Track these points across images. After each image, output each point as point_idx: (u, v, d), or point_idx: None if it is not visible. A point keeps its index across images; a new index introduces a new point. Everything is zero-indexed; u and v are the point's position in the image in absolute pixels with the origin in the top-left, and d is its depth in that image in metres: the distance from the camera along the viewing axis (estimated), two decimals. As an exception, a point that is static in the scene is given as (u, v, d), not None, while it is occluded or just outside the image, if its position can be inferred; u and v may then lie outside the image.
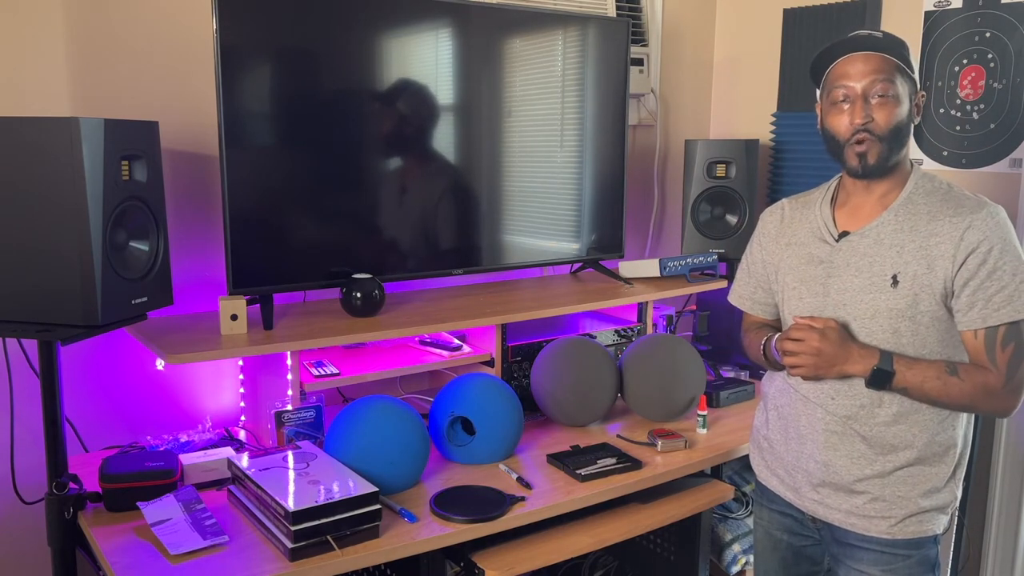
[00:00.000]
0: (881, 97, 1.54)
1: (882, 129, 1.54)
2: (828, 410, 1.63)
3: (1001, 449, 2.43)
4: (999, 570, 2.47)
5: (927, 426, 1.58)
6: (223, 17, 1.90)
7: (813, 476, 1.67)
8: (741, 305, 1.89)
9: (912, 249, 1.55)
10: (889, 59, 1.54)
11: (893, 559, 1.61)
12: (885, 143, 1.55)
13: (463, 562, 1.74)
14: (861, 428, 1.60)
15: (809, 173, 2.87)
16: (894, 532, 1.60)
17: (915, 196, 1.59)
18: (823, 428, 1.64)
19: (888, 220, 1.59)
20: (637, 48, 2.91)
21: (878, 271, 1.57)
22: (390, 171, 2.25)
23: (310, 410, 2.01)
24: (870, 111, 1.54)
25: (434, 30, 2.25)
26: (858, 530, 1.63)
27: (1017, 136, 2.38)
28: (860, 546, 1.64)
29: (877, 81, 1.53)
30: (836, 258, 1.64)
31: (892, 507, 1.60)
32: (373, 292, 2.10)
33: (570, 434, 2.20)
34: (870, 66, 1.54)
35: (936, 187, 1.60)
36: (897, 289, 1.55)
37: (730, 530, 2.33)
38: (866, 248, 1.60)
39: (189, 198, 2.15)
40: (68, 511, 1.66)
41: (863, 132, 1.55)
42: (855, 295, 1.60)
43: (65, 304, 1.61)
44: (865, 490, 1.61)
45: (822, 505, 1.67)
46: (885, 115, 1.54)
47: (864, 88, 1.54)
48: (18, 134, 1.58)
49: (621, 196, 2.67)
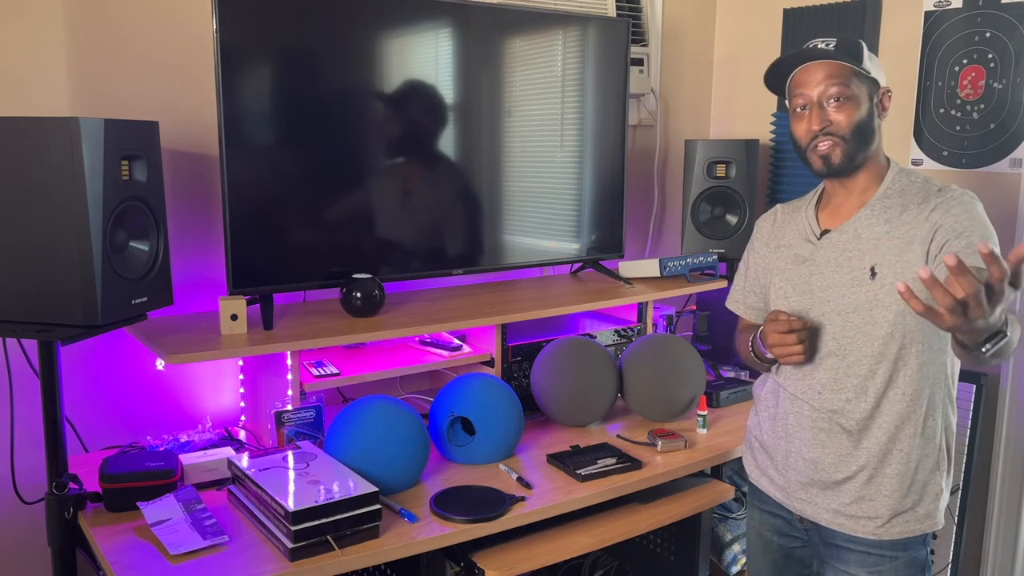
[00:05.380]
0: (836, 101, 1.59)
1: (844, 129, 1.59)
2: (815, 406, 1.65)
3: (1001, 448, 2.43)
4: (999, 570, 2.47)
5: (911, 417, 1.59)
6: (223, 17, 1.90)
7: (801, 474, 1.68)
8: (735, 309, 1.92)
9: (887, 241, 1.58)
10: (842, 65, 1.58)
11: (880, 560, 1.62)
12: (850, 142, 1.60)
13: (463, 562, 1.74)
14: (846, 423, 1.62)
15: (809, 173, 2.84)
16: (880, 533, 1.61)
17: (891, 191, 1.63)
18: (810, 425, 1.66)
19: (865, 215, 1.63)
20: (637, 48, 2.91)
21: (857, 265, 1.61)
22: (390, 171, 2.25)
23: (310, 410, 2.01)
24: (827, 116, 1.60)
25: (434, 30, 2.25)
26: (845, 530, 1.64)
27: (1017, 136, 2.38)
28: (847, 547, 1.64)
29: (831, 86, 1.59)
30: (818, 256, 1.67)
31: (878, 506, 1.60)
32: (373, 292, 2.10)
33: (570, 434, 2.20)
34: (823, 73, 1.59)
35: (911, 181, 1.64)
36: (875, 280, 1.58)
37: (730, 530, 2.33)
38: (845, 244, 1.64)
39: (189, 198, 2.15)
40: (68, 511, 1.66)
41: (824, 136, 1.60)
42: (837, 290, 1.62)
43: (65, 304, 1.61)
44: (851, 488, 1.62)
45: (810, 504, 1.68)
46: (844, 116, 1.59)
47: (819, 95, 1.60)
48: (18, 134, 1.58)
49: (621, 196, 2.67)
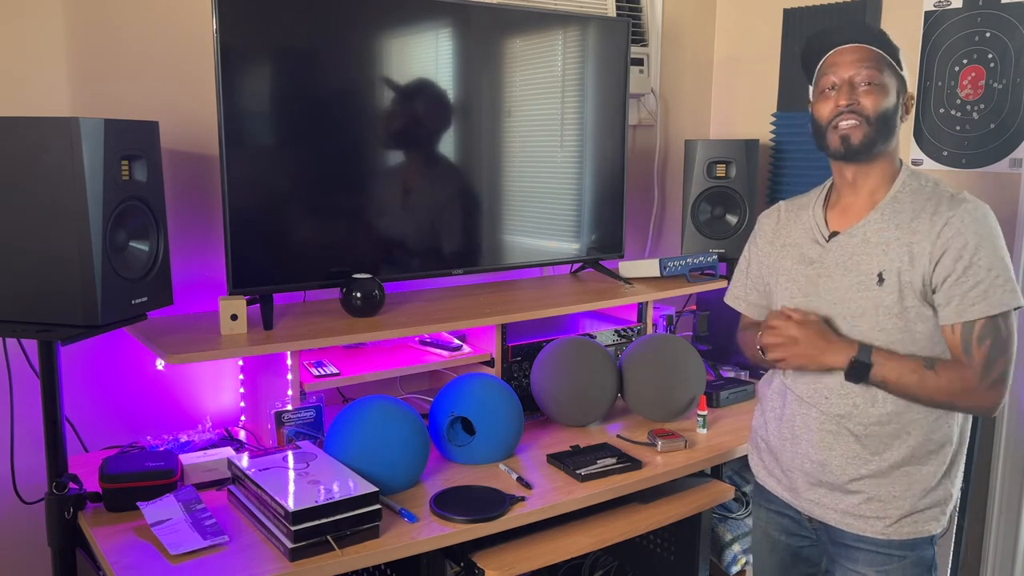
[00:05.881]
0: (868, 85, 1.57)
1: (869, 112, 1.57)
2: (822, 410, 1.64)
3: (1001, 449, 2.43)
4: (999, 570, 2.47)
5: (921, 424, 1.58)
6: (223, 17, 1.90)
7: (809, 476, 1.68)
8: (736, 306, 1.91)
9: (896, 247, 1.56)
10: (879, 52, 1.57)
11: (888, 560, 1.61)
12: (872, 126, 1.57)
13: (463, 562, 1.74)
14: (855, 427, 1.60)
15: (809, 173, 2.87)
16: (889, 533, 1.60)
17: (901, 195, 1.61)
18: (818, 428, 1.65)
19: (874, 219, 1.61)
20: (637, 48, 2.91)
21: (865, 269, 1.59)
22: (390, 171, 2.25)
23: (310, 410, 2.01)
24: (856, 96, 1.57)
25: (434, 30, 2.25)
26: (853, 530, 1.63)
27: (1017, 136, 2.38)
28: (856, 546, 1.64)
29: (864, 69, 1.56)
30: (826, 258, 1.65)
31: (887, 507, 1.60)
32: (373, 292, 2.10)
33: (570, 434, 2.20)
34: (859, 55, 1.57)
35: (922, 185, 1.61)
36: (883, 287, 1.56)
37: (730, 530, 2.33)
38: (854, 247, 1.62)
39: (189, 198, 2.15)
40: (68, 511, 1.66)
41: (848, 113, 1.57)
42: (844, 294, 1.61)
43: (65, 304, 1.61)
44: (860, 490, 1.61)
45: (818, 505, 1.68)
46: (872, 100, 1.56)
47: (852, 76, 1.57)
48: (18, 134, 1.58)
49: (621, 196, 2.67)
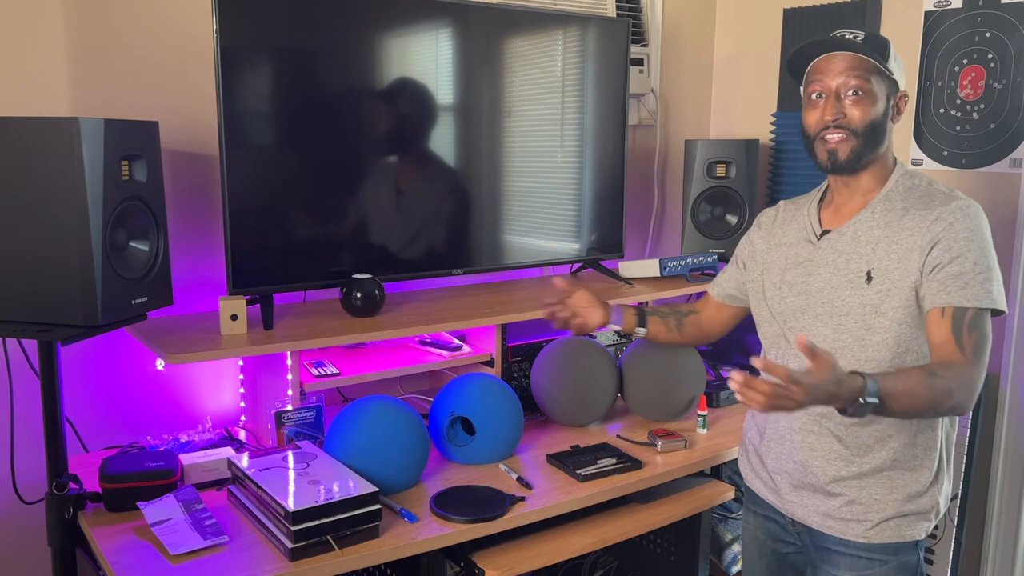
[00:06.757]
0: (855, 95, 1.55)
1: (857, 124, 1.55)
2: (805, 410, 1.61)
3: (1001, 449, 2.43)
4: (999, 570, 2.47)
5: (905, 427, 1.56)
6: (223, 17, 1.90)
7: (792, 477, 1.67)
8: (711, 290, 1.93)
9: (886, 245, 1.55)
10: (866, 59, 1.55)
11: (870, 564, 1.59)
12: (860, 139, 1.56)
13: (463, 562, 1.74)
14: (836, 428, 1.59)
15: (809, 173, 2.86)
16: (870, 536, 1.58)
17: (893, 193, 1.60)
18: (800, 428, 1.63)
19: (865, 217, 1.60)
20: (637, 48, 2.91)
21: (854, 268, 1.58)
22: (389, 171, 2.25)
23: (310, 410, 2.01)
24: (842, 108, 1.55)
25: (434, 30, 2.25)
26: (835, 533, 1.62)
27: (1017, 136, 2.38)
28: (837, 550, 1.62)
29: (851, 78, 1.54)
30: (816, 256, 1.64)
31: (868, 510, 1.58)
32: (373, 292, 2.10)
33: (570, 434, 2.20)
34: (845, 64, 1.55)
35: (915, 184, 1.60)
36: (871, 285, 1.55)
37: (730, 530, 2.33)
38: (844, 245, 1.61)
39: (189, 198, 2.15)
40: (68, 511, 1.66)
41: (835, 128, 1.56)
42: (833, 292, 1.60)
43: (65, 304, 1.61)
44: (841, 492, 1.60)
45: (801, 507, 1.66)
46: (859, 112, 1.55)
47: (838, 86, 1.55)
48: (18, 134, 1.58)
49: (621, 196, 2.67)
